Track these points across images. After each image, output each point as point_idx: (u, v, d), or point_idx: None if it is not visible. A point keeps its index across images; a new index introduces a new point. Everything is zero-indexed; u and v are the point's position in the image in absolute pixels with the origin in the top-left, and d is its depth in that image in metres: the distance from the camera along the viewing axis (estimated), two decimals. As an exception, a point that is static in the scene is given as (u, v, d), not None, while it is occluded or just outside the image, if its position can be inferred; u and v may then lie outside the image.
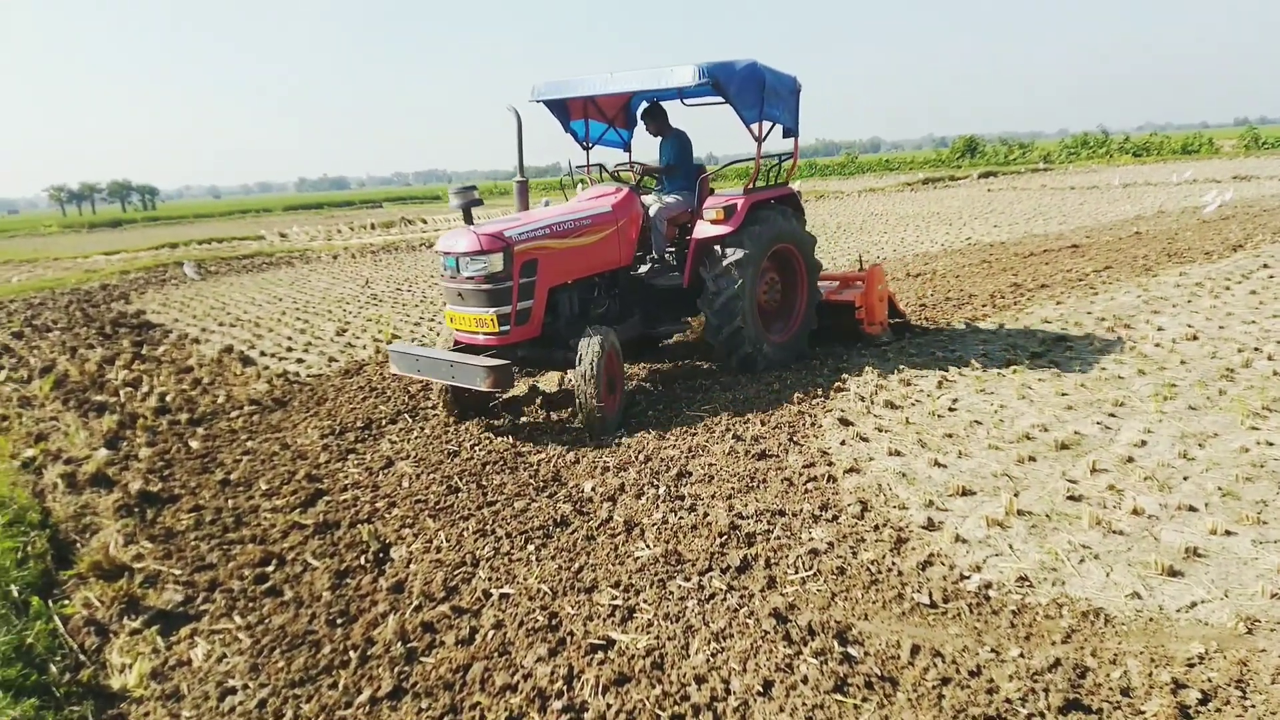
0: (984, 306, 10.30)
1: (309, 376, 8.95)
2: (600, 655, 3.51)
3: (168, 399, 8.15)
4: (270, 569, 4.54)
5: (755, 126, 7.55)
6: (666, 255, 8.11)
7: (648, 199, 8.11)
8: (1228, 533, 4.30)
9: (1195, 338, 8.14)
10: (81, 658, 3.79)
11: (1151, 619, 3.63)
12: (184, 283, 17.60)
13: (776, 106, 7.71)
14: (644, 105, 8.31)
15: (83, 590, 4.32)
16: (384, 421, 7.11)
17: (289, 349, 10.48)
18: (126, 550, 4.76)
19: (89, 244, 35.55)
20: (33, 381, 9.26)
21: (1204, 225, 16.71)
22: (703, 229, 7.50)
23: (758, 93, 7.40)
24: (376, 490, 5.59)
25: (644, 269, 8.05)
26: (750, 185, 7.95)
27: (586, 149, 8.75)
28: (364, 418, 7.21)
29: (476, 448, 6.27)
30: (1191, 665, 3.28)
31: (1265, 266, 11.74)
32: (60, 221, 66.43)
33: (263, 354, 10.25)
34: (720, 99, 7.56)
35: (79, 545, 4.99)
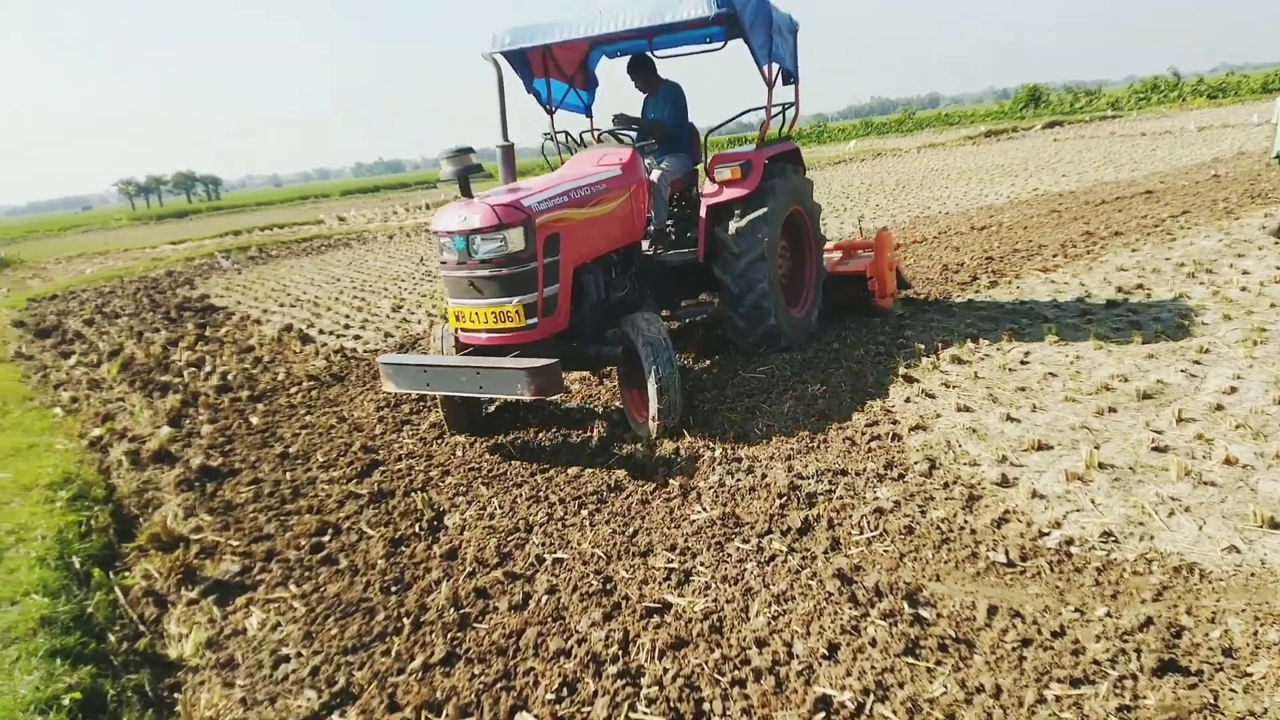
0: (1054, 257, 9.84)
1: (365, 352, 8.98)
2: (656, 619, 3.39)
3: (229, 377, 8.24)
4: (326, 538, 4.52)
5: (766, 69, 6.63)
6: (668, 227, 7.19)
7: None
8: (1333, 480, 3.98)
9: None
10: (140, 628, 3.80)
11: (1253, 574, 3.35)
12: (222, 273, 17.87)
13: (781, 47, 6.79)
14: (630, 58, 7.28)
15: (142, 563, 4.35)
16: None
17: (346, 326, 10.55)
18: (186, 523, 4.78)
19: (156, 235, 36.52)
20: (101, 365, 9.46)
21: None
22: (715, 192, 6.66)
23: (767, 30, 6.46)
24: (430, 459, 5.55)
25: (645, 244, 7.05)
26: (763, 138, 7.02)
27: (550, 113, 7.54)
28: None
29: (529, 415, 6.19)
30: (1300, 622, 3.02)
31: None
32: (129, 215, 68.49)
33: (321, 332, 10.34)
34: (705, 45, 7.15)
35: (141, 520, 5.04)
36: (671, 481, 4.72)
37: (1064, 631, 3.08)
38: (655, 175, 6.71)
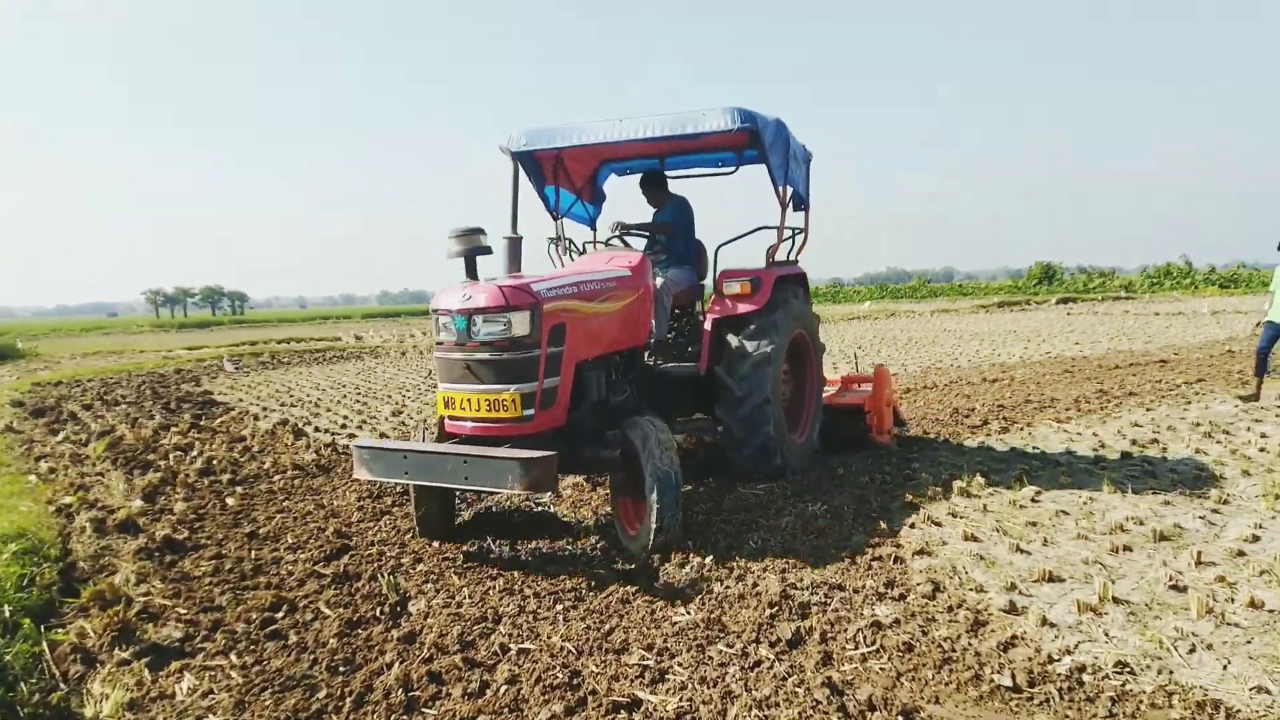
0: (1067, 410, 9.67)
1: (358, 448, 8.77)
2: (623, 716, 3.05)
3: (214, 462, 8.02)
4: (280, 615, 4.21)
5: (781, 190, 6.57)
6: (668, 339, 6.86)
7: None
8: (1371, 629, 3.66)
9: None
10: (59, 683, 3.47)
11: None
12: (228, 375, 17.88)
13: (795, 173, 6.78)
14: (644, 172, 7.24)
15: (80, 621, 4.04)
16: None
17: (342, 425, 10.38)
18: (135, 588, 4.49)
19: (175, 341, 36.96)
20: (89, 443, 9.26)
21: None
22: (722, 305, 6.44)
23: (784, 152, 6.44)
24: (404, 548, 5.27)
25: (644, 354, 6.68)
26: (772, 257, 6.82)
27: (557, 219, 7.41)
28: (404, 485, 6.93)
29: (507, 522, 5.92)
30: (1343, 771, 2.68)
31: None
32: (152, 322, 69.75)
33: (317, 429, 10.16)
34: (717, 168, 7.29)
35: (91, 582, 4.73)
36: (655, 584, 4.42)
37: (1077, 761, 2.74)
38: (659, 284, 6.47)
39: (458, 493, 6.00)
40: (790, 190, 6.75)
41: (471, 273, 4.87)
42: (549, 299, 4.84)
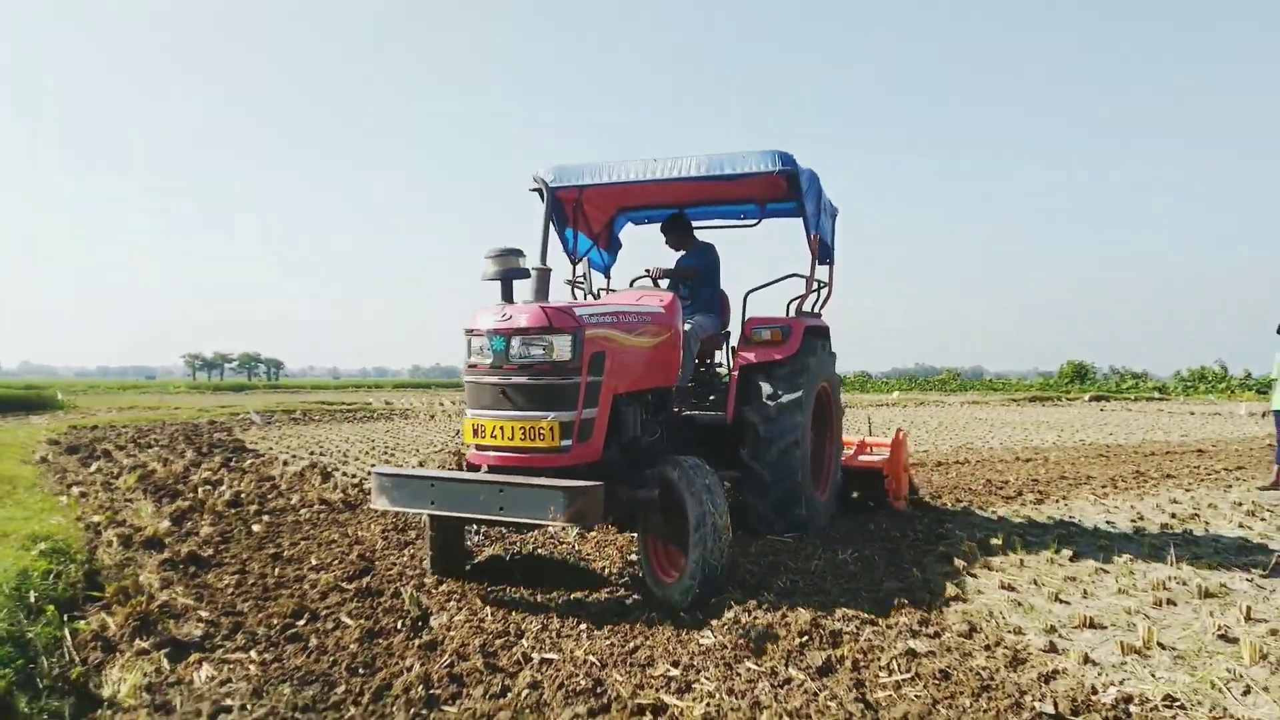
0: (1104, 487, 9.45)
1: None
2: (648, 718, 2.95)
3: (242, 496, 8.04)
4: (301, 622, 4.15)
5: (813, 238, 6.48)
6: (690, 386, 6.59)
7: None
8: None
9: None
10: (78, 663, 3.43)
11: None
12: (255, 427, 18.02)
13: (825, 224, 6.76)
14: (666, 218, 7.04)
15: (102, 614, 4.01)
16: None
17: (369, 471, 10.38)
18: (159, 591, 4.46)
19: (210, 401, 37.45)
20: (120, 476, 9.34)
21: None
22: (751, 353, 6.29)
23: (817, 201, 6.44)
24: (427, 572, 5.19)
25: None
26: (800, 308, 6.72)
27: (574, 263, 7.31)
28: (425, 517, 6.88)
29: (539, 550, 5.85)
30: None
31: None
32: (189, 384, 70.81)
33: (344, 474, 10.17)
34: (740, 218, 7.35)
35: (116, 582, 4.72)
36: (683, 613, 4.32)
37: (1126, 781, 2.60)
38: (687, 328, 6.20)
39: (472, 531, 5.89)
40: (820, 240, 6.67)
41: (508, 295, 4.67)
42: (591, 325, 4.65)
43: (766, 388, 6.14)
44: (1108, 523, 7.27)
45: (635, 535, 5.42)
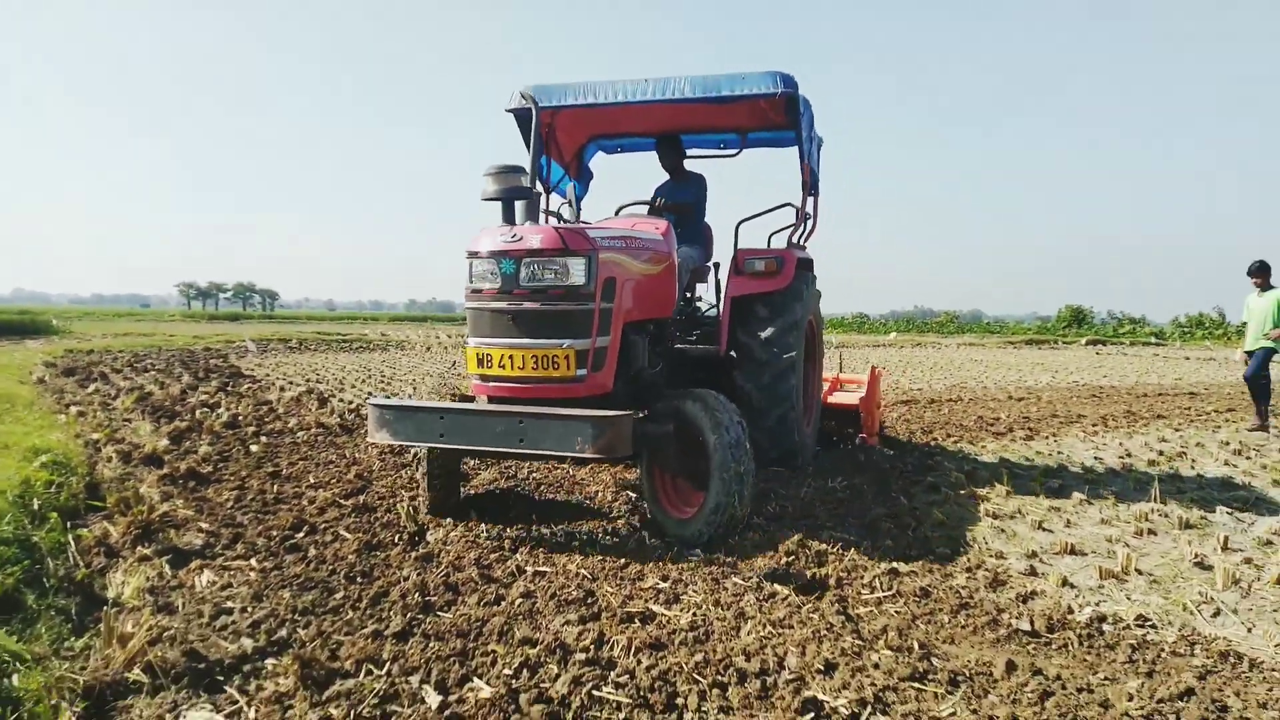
0: (1094, 425, 9.56)
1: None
2: (636, 625, 3.05)
3: (240, 418, 8.11)
4: (300, 535, 4.24)
5: (805, 166, 6.19)
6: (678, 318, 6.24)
7: None
8: (1401, 607, 3.59)
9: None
10: (82, 566, 3.51)
11: None
12: (244, 354, 18.02)
13: (813, 155, 6.43)
14: (661, 138, 6.64)
15: (104, 524, 4.10)
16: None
17: (367, 397, 10.46)
18: (160, 503, 4.54)
19: (205, 329, 37.41)
20: (118, 398, 9.40)
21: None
22: (744, 283, 6.10)
23: (811, 129, 6.15)
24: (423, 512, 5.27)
25: None
26: (794, 237, 6.51)
27: (546, 193, 6.78)
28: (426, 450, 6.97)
29: (534, 474, 5.94)
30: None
31: None
32: (184, 313, 70.66)
33: (340, 400, 10.25)
34: (719, 147, 6.93)
35: (117, 492, 4.80)
36: (667, 539, 4.40)
37: (1092, 690, 2.70)
38: (678, 259, 5.78)
39: (467, 463, 5.78)
40: (810, 171, 6.38)
41: (509, 216, 4.37)
42: (603, 247, 4.36)
43: (763, 312, 6.02)
44: (1096, 459, 7.38)
45: (635, 466, 5.41)
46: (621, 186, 7.25)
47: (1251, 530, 4.92)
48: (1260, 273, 9.67)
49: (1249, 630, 3.33)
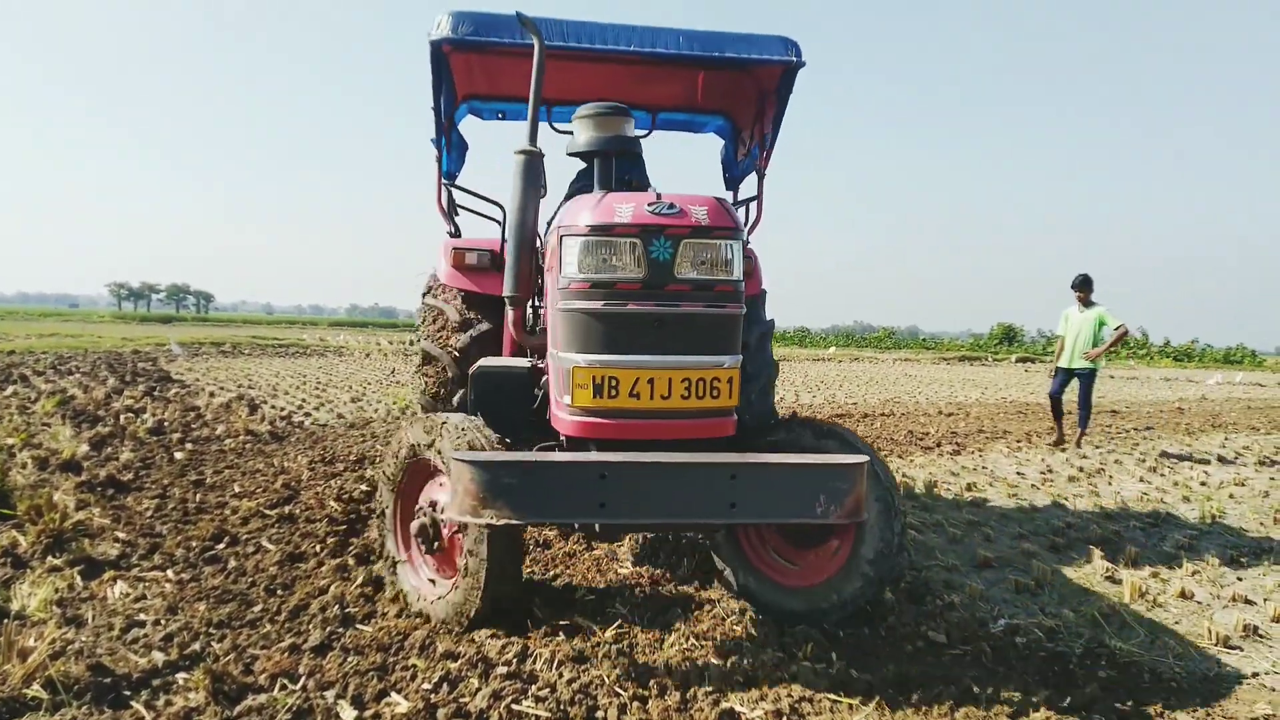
0: (1019, 442, 9.85)
1: (313, 425, 8.69)
2: (561, 638, 3.05)
3: (165, 424, 7.90)
4: (221, 545, 4.15)
5: (766, 157, 5.13)
6: None
7: None
8: (1293, 619, 3.77)
9: (1243, 483, 7.61)
10: (-14, 579, 3.39)
11: (1206, 678, 3.10)
12: (171, 359, 17.54)
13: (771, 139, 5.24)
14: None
15: (13, 532, 3.95)
16: (377, 459, 6.75)
17: (299, 405, 10.27)
18: (75, 511, 4.40)
19: (136, 331, 36.34)
20: (38, 401, 9.09)
21: (1250, 409, 16.23)
22: None
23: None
24: (352, 501, 5.21)
25: None
26: (753, 230, 5.17)
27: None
28: (358, 454, 6.88)
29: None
30: (1259, 725, 2.76)
31: (1316, 442, 11.19)
32: (114, 314, 68.54)
33: (272, 407, 10.04)
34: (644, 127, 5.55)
35: (29, 499, 4.64)
36: (596, 546, 4.42)
37: (1001, 700, 2.78)
38: None
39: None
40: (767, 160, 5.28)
41: (606, 180, 3.40)
42: None
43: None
44: (1019, 474, 7.58)
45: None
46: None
47: (1161, 545, 5.11)
48: (1083, 287, 9.50)
49: (1152, 641, 3.47)
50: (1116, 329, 9.35)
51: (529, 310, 4.07)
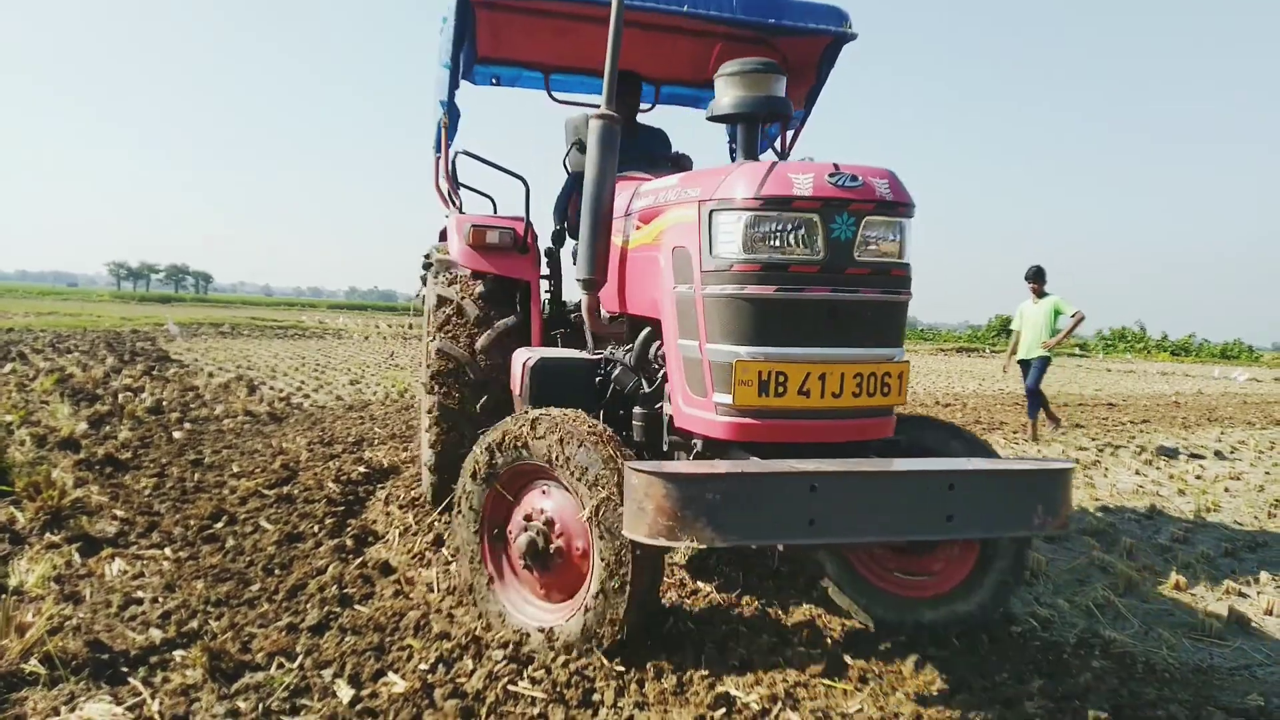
0: (1015, 433, 9.87)
1: (312, 407, 8.69)
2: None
3: (164, 403, 7.91)
4: (219, 525, 4.16)
5: (795, 134, 5.07)
6: None
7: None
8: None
9: (1239, 477, 7.63)
10: (-16, 553, 3.40)
11: (1199, 669, 3.12)
12: (169, 339, 17.51)
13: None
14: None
15: (11, 508, 3.96)
16: (375, 441, 6.77)
17: (298, 388, 10.29)
18: (73, 489, 4.40)
19: (135, 311, 36.30)
20: (36, 378, 9.08)
21: (1246, 404, 16.27)
22: None
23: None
24: (350, 482, 5.21)
25: None
26: None
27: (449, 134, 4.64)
28: (356, 435, 6.89)
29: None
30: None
31: (1313, 438, 11.22)
32: (113, 293, 68.48)
33: (271, 389, 10.05)
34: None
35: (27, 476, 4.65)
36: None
37: (995, 688, 2.80)
38: None
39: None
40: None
41: (751, 148, 3.02)
42: None
43: None
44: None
45: None
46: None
47: (1155, 538, 5.13)
48: (1036, 278, 9.45)
49: (1145, 633, 3.49)
50: (1073, 315, 9.30)
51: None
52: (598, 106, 3.13)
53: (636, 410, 3.23)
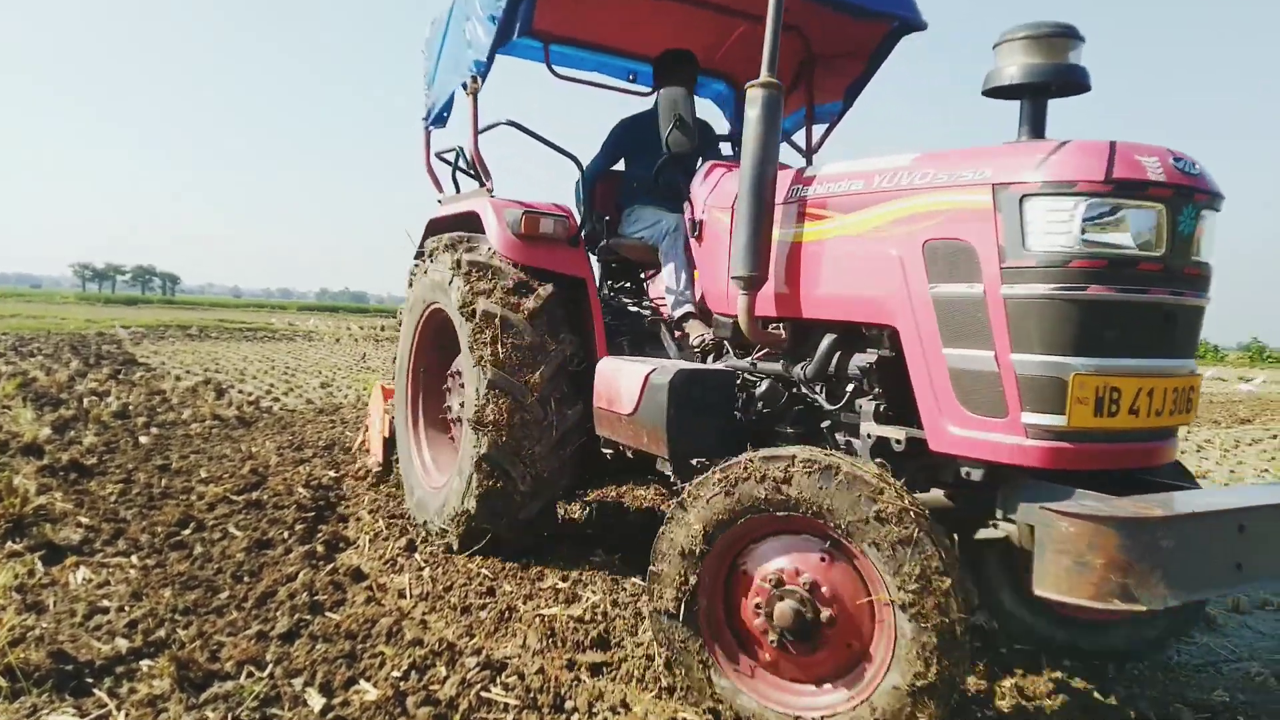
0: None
1: (281, 410, 8.59)
2: (540, 625, 3.04)
3: (130, 407, 7.78)
4: (187, 531, 4.09)
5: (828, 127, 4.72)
6: None
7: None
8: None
9: (1204, 476, 7.75)
10: (-58, 564, 3.32)
11: (1167, 667, 3.17)
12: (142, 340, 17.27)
13: None
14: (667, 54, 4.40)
15: (-29, 518, 3.87)
16: (349, 447, 6.69)
17: (268, 391, 10.17)
18: (36, 496, 4.31)
19: (101, 314, 35.71)
20: (-2, 383, 8.91)
21: (1212, 404, 16.54)
22: None
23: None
24: (321, 487, 5.15)
25: None
26: None
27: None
28: (327, 439, 6.82)
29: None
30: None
31: (1275, 437, 11.44)
32: (78, 295, 67.39)
33: (240, 392, 9.92)
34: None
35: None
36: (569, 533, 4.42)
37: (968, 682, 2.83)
38: None
39: None
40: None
41: (1039, 125, 2.52)
42: None
43: None
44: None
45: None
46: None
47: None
48: None
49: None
50: None
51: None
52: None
53: (836, 434, 2.86)
